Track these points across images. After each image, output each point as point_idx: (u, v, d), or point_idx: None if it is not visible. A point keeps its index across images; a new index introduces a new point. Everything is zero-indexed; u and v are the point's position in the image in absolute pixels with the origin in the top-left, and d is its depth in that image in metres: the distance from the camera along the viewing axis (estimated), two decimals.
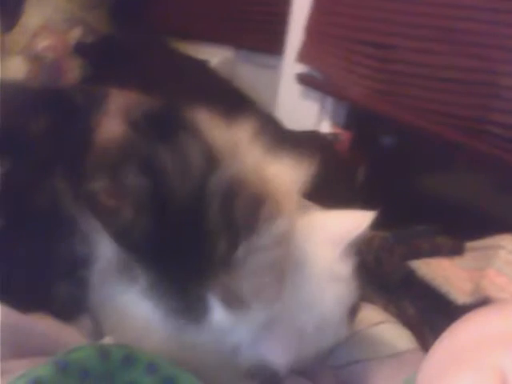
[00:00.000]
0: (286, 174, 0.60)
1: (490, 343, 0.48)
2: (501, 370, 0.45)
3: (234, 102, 1.57)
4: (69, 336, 0.55)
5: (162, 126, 0.57)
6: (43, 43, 1.58)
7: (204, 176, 0.54)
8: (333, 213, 0.67)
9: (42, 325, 0.53)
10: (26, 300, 0.53)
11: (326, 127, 1.59)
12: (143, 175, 0.53)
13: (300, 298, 0.58)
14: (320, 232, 0.62)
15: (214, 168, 0.55)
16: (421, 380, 0.53)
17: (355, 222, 0.63)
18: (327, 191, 0.63)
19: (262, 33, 1.74)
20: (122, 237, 0.54)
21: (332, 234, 0.62)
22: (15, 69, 1.56)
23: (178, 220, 0.53)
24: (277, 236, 0.55)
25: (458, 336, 0.53)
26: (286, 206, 0.57)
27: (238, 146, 0.59)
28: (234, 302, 0.54)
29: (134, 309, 0.55)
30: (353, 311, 0.64)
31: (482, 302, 0.77)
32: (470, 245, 0.98)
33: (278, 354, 0.57)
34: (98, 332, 0.57)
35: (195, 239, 0.53)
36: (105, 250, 0.55)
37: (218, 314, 0.54)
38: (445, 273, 0.88)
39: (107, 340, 0.54)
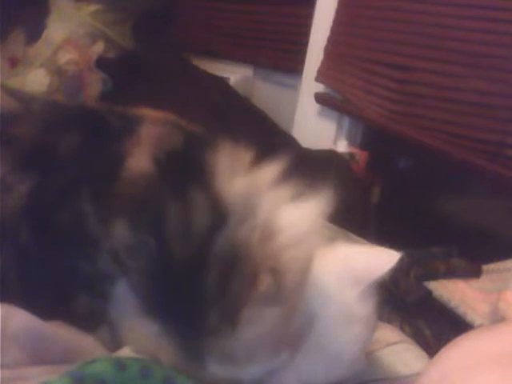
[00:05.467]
0: (303, 223, 0.58)
1: (480, 365, 0.49)
2: None
3: (252, 118, 1.58)
4: (88, 345, 0.55)
5: (181, 172, 0.56)
6: (65, 57, 1.60)
7: (207, 238, 0.53)
8: (357, 248, 0.63)
9: (62, 333, 0.54)
10: (48, 309, 0.54)
11: (342, 147, 1.60)
12: (150, 233, 0.53)
13: (312, 337, 0.56)
14: (341, 269, 0.58)
15: (218, 229, 0.53)
16: None
17: (380, 260, 0.59)
18: (342, 210, 0.61)
19: (281, 52, 1.76)
20: (133, 289, 0.54)
21: (354, 272, 0.58)
22: (37, 81, 1.58)
23: (178, 281, 0.53)
24: (274, 310, 0.53)
25: (450, 357, 0.53)
26: (294, 270, 0.54)
27: (255, 194, 0.57)
28: (227, 361, 0.53)
29: (149, 327, 0.54)
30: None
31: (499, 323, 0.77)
32: (486, 267, 0.97)
33: None
34: (115, 342, 0.57)
35: (192, 302, 0.53)
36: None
37: (213, 367, 0.53)
38: (462, 294, 0.87)
39: (124, 351, 0.55)
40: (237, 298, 0.52)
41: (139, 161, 0.56)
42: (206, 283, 0.52)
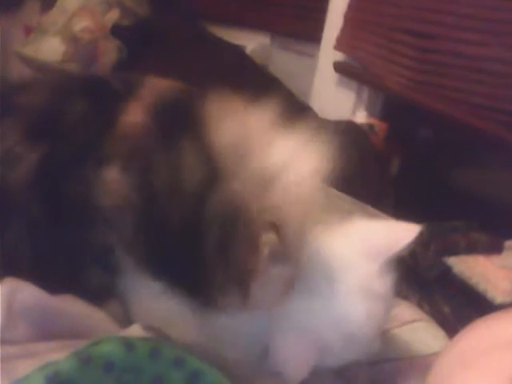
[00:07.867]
0: (307, 164, 0.55)
1: (499, 348, 0.48)
2: (509, 375, 0.45)
3: (269, 88, 1.56)
4: (97, 319, 0.55)
5: (174, 124, 0.55)
6: (80, 25, 1.58)
7: (199, 196, 0.51)
8: (375, 223, 0.62)
9: (71, 307, 0.53)
10: (57, 283, 0.53)
11: (361, 117, 1.57)
12: (139, 191, 0.52)
13: (328, 312, 0.55)
14: (359, 244, 0.57)
15: (212, 186, 0.51)
16: (431, 381, 0.53)
17: (399, 235, 0.58)
18: (360, 182, 0.59)
19: (299, 19, 1.72)
20: (126, 248, 0.53)
21: (372, 247, 0.57)
22: (52, 49, 1.57)
23: (175, 240, 0.52)
24: (282, 267, 0.52)
25: (469, 340, 0.53)
26: (296, 222, 0.53)
27: (248, 138, 0.54)
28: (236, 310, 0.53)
29: (158, 299, 0.54)
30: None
31: None
32: (508, 243, 0.95)
33: (292, 366, 0.54)
34: (126, 317, 0.56)
35: (193, 262, 0.52)
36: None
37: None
38: (482, 271, 0.85)
39: (135, 327, 0.54)
40: (242, 263, 0.51)
41: (133, 114, 0.55)
42: (205, 244, 0.51)
